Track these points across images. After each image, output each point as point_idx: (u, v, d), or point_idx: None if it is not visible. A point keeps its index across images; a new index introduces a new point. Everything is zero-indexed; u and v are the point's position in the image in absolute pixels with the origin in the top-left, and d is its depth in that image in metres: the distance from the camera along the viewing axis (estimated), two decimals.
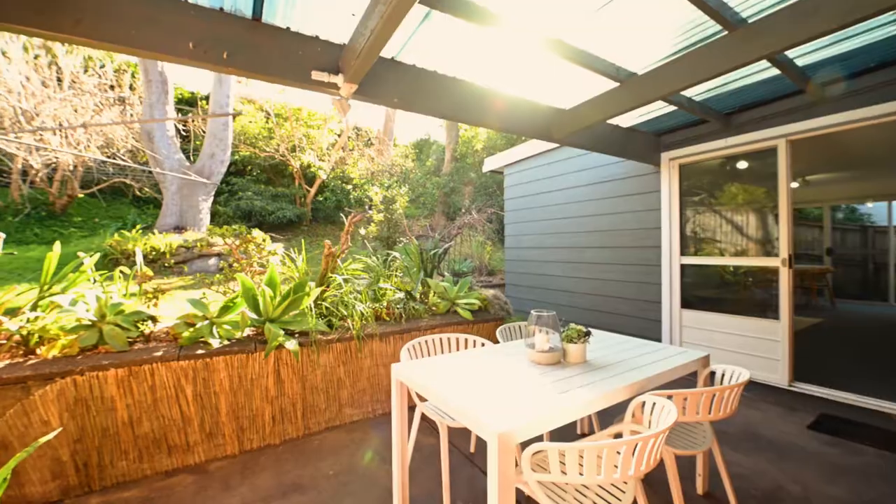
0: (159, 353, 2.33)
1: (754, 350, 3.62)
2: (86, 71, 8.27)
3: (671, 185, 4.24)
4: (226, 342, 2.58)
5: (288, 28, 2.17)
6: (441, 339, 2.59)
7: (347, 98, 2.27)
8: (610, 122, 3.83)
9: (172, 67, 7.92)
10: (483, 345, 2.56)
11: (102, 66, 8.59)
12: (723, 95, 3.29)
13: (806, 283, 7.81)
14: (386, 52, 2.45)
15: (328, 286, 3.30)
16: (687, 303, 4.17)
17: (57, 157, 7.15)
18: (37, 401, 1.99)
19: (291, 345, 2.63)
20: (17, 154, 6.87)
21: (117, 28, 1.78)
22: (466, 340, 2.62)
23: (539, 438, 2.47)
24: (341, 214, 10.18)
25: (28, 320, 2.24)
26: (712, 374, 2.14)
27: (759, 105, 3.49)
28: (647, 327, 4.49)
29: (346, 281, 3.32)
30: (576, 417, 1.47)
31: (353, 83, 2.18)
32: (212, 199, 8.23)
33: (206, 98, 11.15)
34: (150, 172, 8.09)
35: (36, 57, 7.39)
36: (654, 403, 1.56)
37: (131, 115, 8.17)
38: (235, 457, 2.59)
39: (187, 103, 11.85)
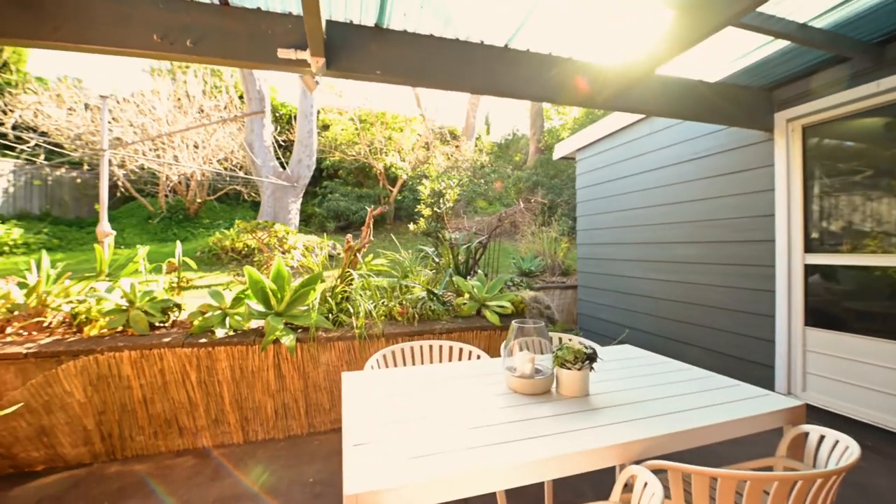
0: (167, 340, 2.47)
1: None
2: (212, 97, 9.95)
3: (790, 156, 3.06)
4: (231, 333, 2.63)
5: (258, 8, 2.06)
6: (432, 347, 2.22)
7: (316, 74, 2.06)
8: (691, 77, 2.91)
9: (270, 87, 9.01)
10: (479, 357, 2.12)
11: (226, 93, 10.26)
12: (865, 15, 2.17)
13: None
14: (367, 20, 2.18)
15: (347, 282, 3.19)
16: (816, 319, 2.96)
17: (184, 170, 8.71)
18: (59, 374, 2.26)
19: (287, 340, 2.56)
20: (161, 170, 8.61)
21: (93, 30, 1.87)
22: (461, 350, 2.20)
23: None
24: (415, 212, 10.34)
25: (76, 303, 2.59)
26: (807, 435, 1.35)
27: None
28: (754, 349, 3.35)
29: (362, 277, 3.17)
30: (497, 488, 0.98)
31: (319, 56, 1.97)
32: (300, 200, 9.12)
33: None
34: (253, 179, 9.31)
35: (176, 90, 9.14)
36: (646, 484, 0.97)
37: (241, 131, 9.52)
38: (239, 446, 2.63)
39: (295, 118, 13.49)
